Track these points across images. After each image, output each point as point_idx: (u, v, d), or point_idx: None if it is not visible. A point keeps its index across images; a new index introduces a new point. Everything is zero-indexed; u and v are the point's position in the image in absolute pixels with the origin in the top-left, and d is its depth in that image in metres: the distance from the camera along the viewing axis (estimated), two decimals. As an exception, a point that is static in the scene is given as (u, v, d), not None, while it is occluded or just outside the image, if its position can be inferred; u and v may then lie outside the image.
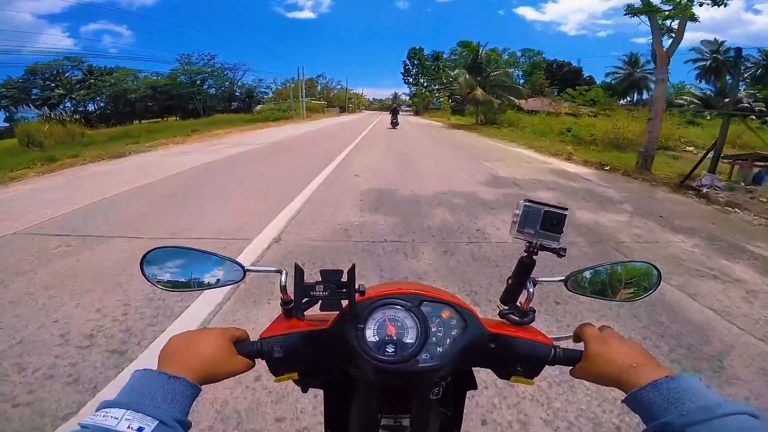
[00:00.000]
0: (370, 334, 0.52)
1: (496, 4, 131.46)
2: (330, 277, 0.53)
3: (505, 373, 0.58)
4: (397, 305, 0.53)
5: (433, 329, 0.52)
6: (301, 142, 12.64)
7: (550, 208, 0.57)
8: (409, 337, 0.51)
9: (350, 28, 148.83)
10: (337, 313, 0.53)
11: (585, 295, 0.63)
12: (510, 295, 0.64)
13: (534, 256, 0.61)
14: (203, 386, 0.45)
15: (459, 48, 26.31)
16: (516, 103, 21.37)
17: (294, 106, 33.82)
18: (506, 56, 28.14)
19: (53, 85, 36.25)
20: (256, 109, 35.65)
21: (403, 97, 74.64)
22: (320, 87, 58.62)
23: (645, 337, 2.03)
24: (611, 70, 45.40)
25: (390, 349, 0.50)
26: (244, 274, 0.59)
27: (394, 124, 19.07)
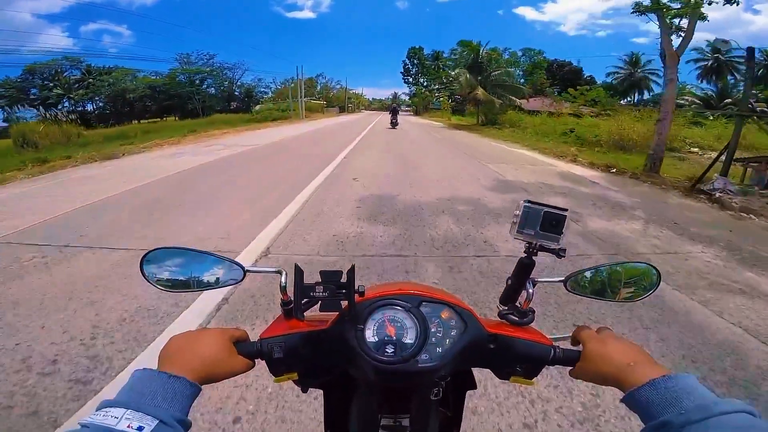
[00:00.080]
0: (370, 335, 0.51)
1: (496, 4, 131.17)
2: (330, 277, 0.53)
3: (504, 373, 0.57)
4: (397, 306, 0.53)
5: (433, 330, 0.52)
6: (299, 143, 12.34)
7: (550, 209, 0.57)
8: (409, 338, 0.51)
9: (350, 27, 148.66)
10: (337, 314, 0.53)
11: (584, 295, 0.62)
12: (509, 296, 0.64)
13: (534, 257, 0.60)
14: (203, 386, 0.45)
15: (459, 47, 26.02)
16: (517, 104, 21.08)
17: (293, 106, 33.59)
18: (507, 56, 27.82)
19: (51, 84, 36.06)
20: (255, 109, 35.35)
21: (403, 97, 74.37)
22: (320, 87, 58.31)
23: (676, 364, 1.84)
24: (612, 70, 45.36)
25: (389, 350, 0.49)
26: (244, 275, 0.60)
27: (394, 124, 19.04)
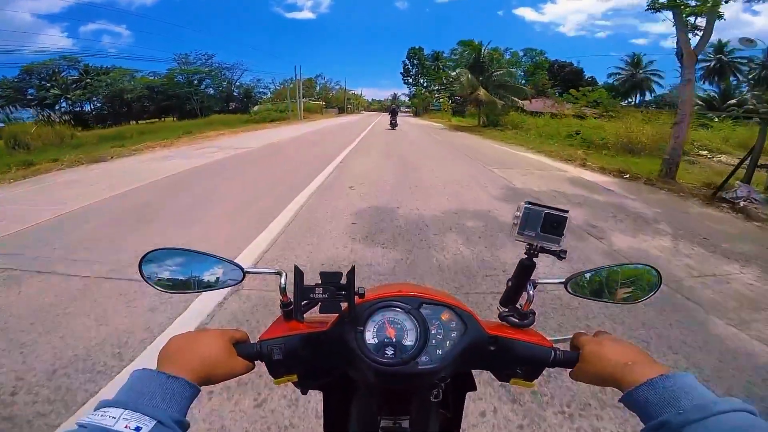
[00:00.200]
0: (370, 337, 0.51)
1: (496, 5, 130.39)
2: (329, 279, 0.52)
3: (504, 375, 0.57)
4: (397, 307, 0.53)
5: (433, 331, 0.51)
6: (295, 146, 11.89)
7: (550, 211, 0.57)
8: (409, 340, 0.51)
9: (349, 28, 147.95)
10: (337, 316, 0.53)
11: (585, 297, 0.62)
12: (510, 297, 0.64)
13: (534, 259, 0.61)
14: (202, 387, 0.44)
15: (460, 47, 25.60)
16: (519, 105, 20.67)
17: (291, 107, 33.18)
18: (508, 56, 27.41)
19: (49, 85, 35.66)
20: (253, 110, 34.89)
21: (403, 98, 74.03)
22: (319, 87, 57.86)
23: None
24: (613, 71, 45.01)
25: (389, 352, 0.49)
26: (244, 276, 0.59)
27: (393, 125, 19.11)
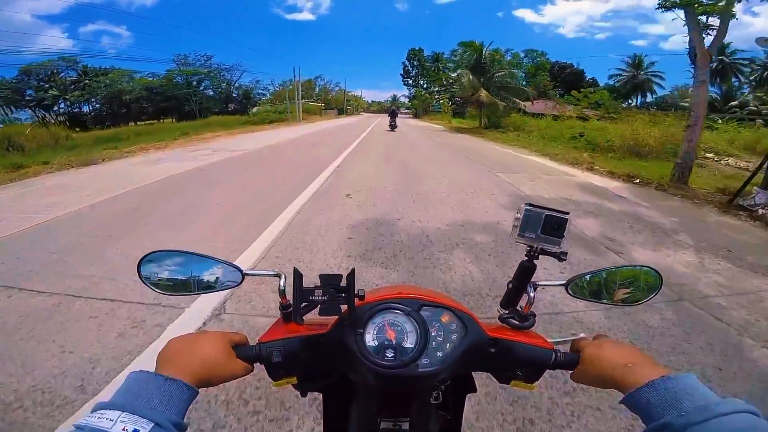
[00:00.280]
0: (370, 339, 0.51)
1: (495, 7, 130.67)
2: (329, 281, 0.52)
3: (505, 377, 0.56)
4: (397, 310, 0.53)
5: (433, 334, 0.51)
6: (292, 148, 11.58)
7: (551, 213, 0.57)
8: (409, 342, 0.51)
9: (349, 30, 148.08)
10: (337, 318, 0.53)
11: (584, 299, 0.62)
12: (510, 299, 0.64)
13: (535, 260, 0.60)
14: (201, 389, 0.44)
15: (460, 48, 25.29)
16: (521, 106, 20.37)
17: (290, 108, 32.91)
18: (509, 57, 27.09)
19: (47, 86, 35.45)
20: (251, 111, 34.65)
21: (402, 99, 73.83)
22: (318, 89, 57.61)
23: None
24: (614, 72, 44.78)
25: (389, 354, 0.49)
26: (243, 278, 0.59)
27: (393, 127, 19.33)
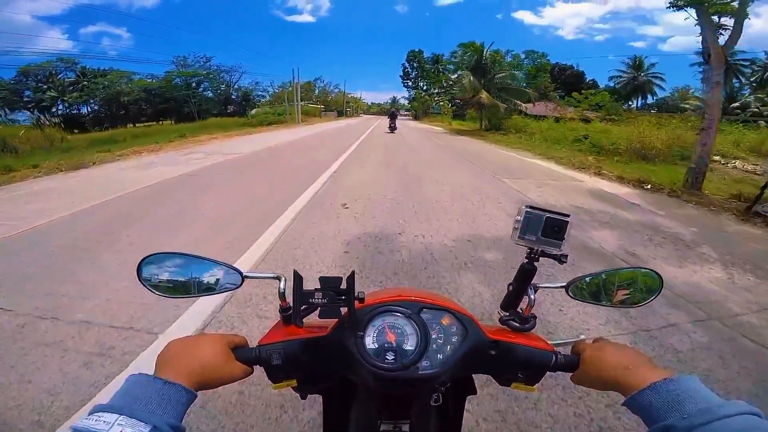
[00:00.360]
0: (370, 342, 0.51)
1: (495, 9, 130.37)
2: (329, 284, 0.52)
3: (505, 379, 0.56)
4: (397, 312, 0.52)
5: (434, 336, 0.51)
6: (288, 151, 11.23)
7: (551, 215, 0.57)
8: (409, 344, 0.51)
9: (349, 32, 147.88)
10: (337, 321, 0.53)
11: (586, 301, 0.61)
12: (511, 302, 0.64)
13: (535, 263, 0.60)
14: (200, 392, 0.44)
15: (460, 49, 25.05)
16: (522, 108, 20.13)
17: (289, 110, 32.68)
18: (509, 58, 26.88)
19: (45, 87, 35.22)
20: (250, 113, 34.41)
21: (402, 101, 73.65)
22: (318, 91, 57.39)
23: None
24: (614, 74, 44.62)
25: (390, 357, 0.49)
26: (243, 280, 0.58)
27: (392, 129, 19.53)
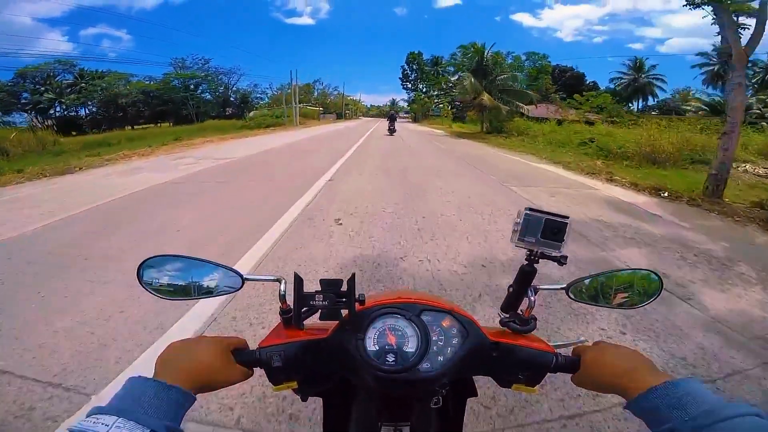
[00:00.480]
0: (371, 344, 0.51)
1: (494, 11, 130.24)
2: (330, 286, 0.52)
3: (506, 381, 0.56)
4: (398, 314, 0.53)
5: (434, 338, 0.52)
6: (283, 156, 10.80)
7: (551, 217, 0.57)
8: (410, 346, 0.51)
9: (348, 34, 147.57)
10: (337, 323, 0.53)
11: (586, 302, 0.61)
12: (511, 303, 0.64)
13: (535, 265, 0.60)
14: (199, 395, 0.44)
15: (460, 51, 24.74)
16: (523, 110, 19.76)
17: (287, 113, 32.36)
18: (510, 60, 26.58)
19: (43, 89, 34.96)
20: (248, 116, 34.08)
21: (402, 104, 73.49)
22: (317, 93, 57.10)
23: None
24: (615, 76, 44.37)
25: (390, 359, 0.49)
26: (243, 283, 0.58)
27: (391, 131, 19.55)
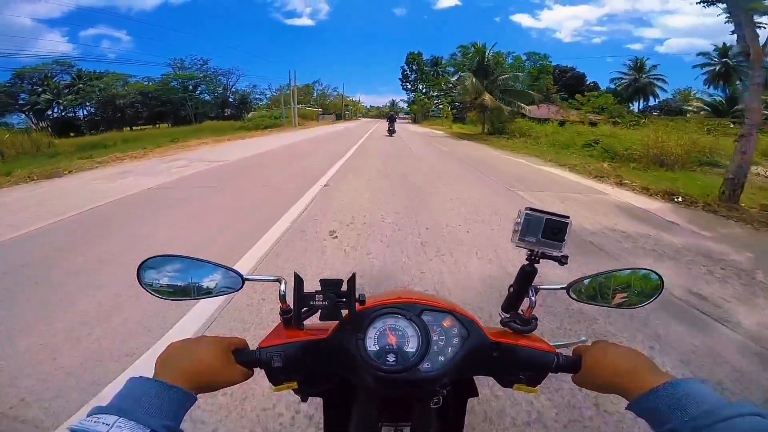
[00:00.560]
0: (371, 344, 0.51)
1: (493, 12, 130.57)
2: (330, 286, 0.52)
3: (507, 381, 0.56)
4: (398, 314, 0.52)
5: (435, 338, 0.51)
6: (278, 158, 10.45)
7: (551, 217, 0.56)
8: (410, 346, 0.51)
9: (348, 35, 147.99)
10: (337, 323, 0.53)
11: (585, 302, 0.61)
12: (511, 303, 0.64)
13: (536, 264, 0.60)
14: (200, 395, 0.43)
15: (460, 51, 24.45)
16: (525, 111, 19.47)
17: (286, 113, 32.10)
18: (511, 60, 26.31)
19: (40, 90, 34.73)
20: (246, 117, 33.84)
21: (401, 105, 73.34)
22: (316, 94, 56.84)
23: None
24: (616, 76, 44.12)
25: (391, 359, 0.49)
26: (243, 283, 0.58)
27: (391, 132, 19.71)
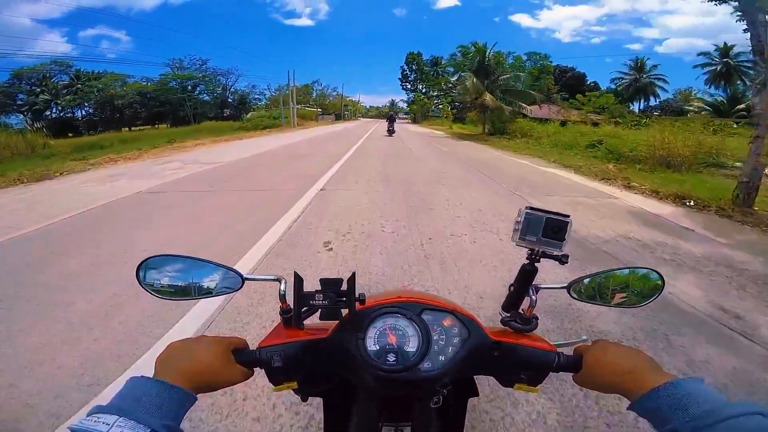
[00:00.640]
0: (371, 343, 0.51)
1: (492, 12, 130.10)
2: (330, 285, 0.52)
3: (508, 380, 0.56)
4: (398, 314, 0.52)
5: (435, 337, 0.51)
6: (276, 160, 10.22)
7: (552, 216, 0.56)
8: (411, 346, 0.50)
9: (348, 35, 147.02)
10: (337, 322, 0.53)
11: (585, 301, 0.61)
12: (512, 303, 0.63)
13: (536, 264, 0.60)
14: (200, 395, 0.43)
15: (460, 51, 24.23)
16: (526, 111, 19.25)
17: (285, 114, 31.88)
18: (511, 60, 26.10)
19: (38, 90, 34.55)
20: (245, 117, 33.65)
21: (401, 105, 73.10)
22: (316, 94, 56.60)
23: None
24: (616, 76, 43.97)
25: (391, 358, 0.49)
26: (243, 283, 0.58)
27: (390, 132, 19.81)
